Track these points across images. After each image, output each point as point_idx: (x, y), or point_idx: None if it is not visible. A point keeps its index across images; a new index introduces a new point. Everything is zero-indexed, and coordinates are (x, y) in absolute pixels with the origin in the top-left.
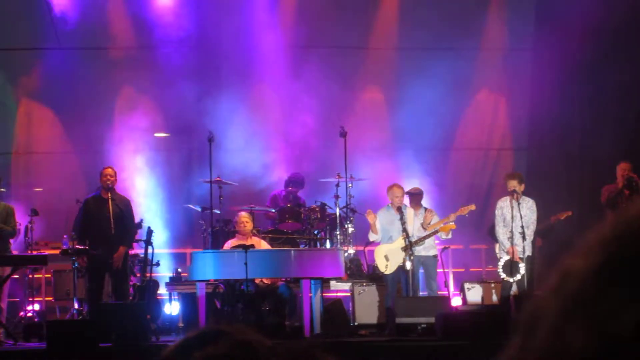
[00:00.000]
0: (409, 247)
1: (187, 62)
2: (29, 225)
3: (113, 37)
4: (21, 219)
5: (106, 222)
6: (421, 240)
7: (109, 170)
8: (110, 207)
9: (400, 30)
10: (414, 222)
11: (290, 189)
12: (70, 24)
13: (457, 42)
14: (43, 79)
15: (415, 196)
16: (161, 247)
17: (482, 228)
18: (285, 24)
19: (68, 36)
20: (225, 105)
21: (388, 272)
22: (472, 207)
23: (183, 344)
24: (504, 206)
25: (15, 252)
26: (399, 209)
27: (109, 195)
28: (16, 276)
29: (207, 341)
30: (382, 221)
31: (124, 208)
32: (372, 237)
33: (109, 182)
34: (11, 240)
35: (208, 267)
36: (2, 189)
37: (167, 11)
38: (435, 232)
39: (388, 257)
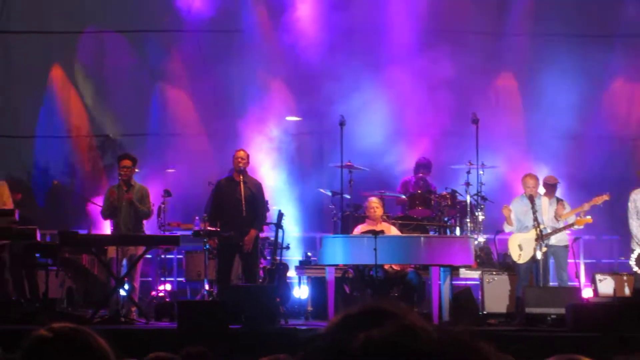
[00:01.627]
0: (540, 237)
1: (320, 45)
2: (162, 206)
3: (244, 19)
4: (154, 200)
5: (238, 204)
6: (555, 232)
7: (242, 152)
8: (242, 189)
9: (535, 16)
10: (548, 212)
11: (420, 175)
12: (205, 7)
13: (591, 28)
14: (178, 61)
15: (551, 186)
16: (291, 230)
17: (615, 219)
18: (418, 9)
19: (202, 19)
20: (357, 90)
21: (521, 261)
22: (606, 196)
23: (346, 322)
24: (637, 199)
25: (148, 233)
26: (532, 199)
27: (241, 177)
28: (149, 256)
29: (372, 322)
30: (516, 211)
31: (256, 191)
32: (507, 228)
33: (241, 165)
34: (144, 221)
35: (337, 252)
36: (136, 170)
37: None
38: (571, 224)
39: (522, 246)
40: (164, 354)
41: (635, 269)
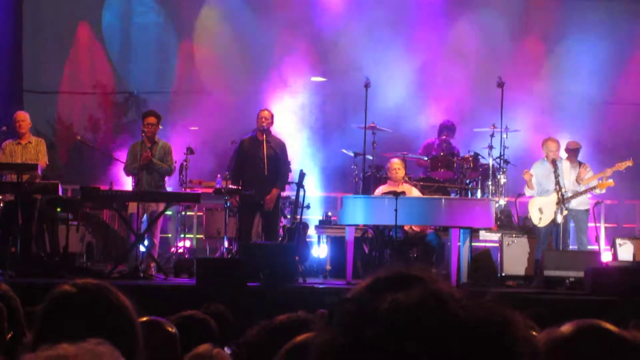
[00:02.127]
0: (561, 201)
1: (347, 6)
2: (184, 163)
3: None
4: (177, 157)
5: (260, 163)
6: (576, 195)
7: (266, 112)
8: (265, 148)
9: None
10: (570, 176)
11: (443, 137)
12: None
13: None
14: (204, 19)
15: (573, 151)
16: (313, 190)
17: (637, 184)
18: None
19: None
20: (383, 52)
21: (541, 224)
22: (630, 162)
23: (374, 285)
24: None
25: (169, 190)
26: (554, 162)
27: (265, 137)
28: (169, 213)
29: (399, 285)
30: (537, 174)
31: (279, 150)
32: (528, 192)
33: (264, 124)
34: (166, 178)
35: (358, 212)
36: (160, 127)
37: None
38: (592, 188)
39: (542, 209)
40: (193, 312)
41: None
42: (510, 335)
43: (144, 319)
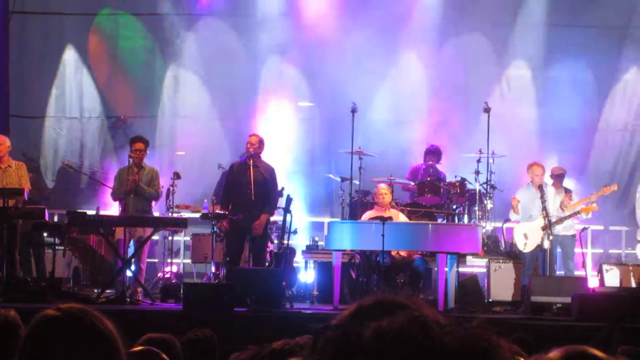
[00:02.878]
0: (548, 227)
1: (333, 31)
2: (171, 188)
3: (257, 3)
4: (163, 182)
5: (247, 188)
6: (561, 220)
7: (253, 137)
8: (252, 173)
9: (547, 6)
10: (555, 202)
11: (429, 162)
12: None
13: (604, 19)
14: (191, 44)
15: (558, 177)
16: (300, 215)
17: (624, 209)
18: None
19: (215, 1)
20: (369, 75)
21: (527, 250)
22: (615, 187)
23: (358, 312)
24: None
25: (156, 214)
26: (540, 188)
27: (252, 162)
28: (156, 238)
29: (383, 312)
30: (523, 199)
31: (268, 175)
32: (513, 216)
33: (251, 149)
34: (153, 203)
35: (345, 237)
36: (147, 152)
37: None
38: (577, 212)
39: (527, 235)
40: (158, 335)
41: None
42: None
43: (139, 348)
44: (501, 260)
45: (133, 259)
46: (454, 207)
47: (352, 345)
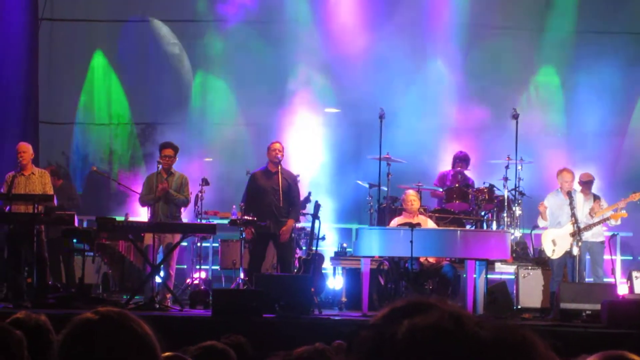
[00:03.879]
0: (577, 233)
1: (361, 38)
2: (199, 194)
3: (286, 10)
4: (192, 188)
5: (276, 195)
6: (590, 227)
7: (278, 145)
8: (280, 180)
9: (578, 12)
10: (584, 208)
11: (458, 168)
12: None
13: (633, 25)
14: (220, 51)
15: (586, 183)
16: (328, 221)
17: None
18: (462, 3)
19: (244, 8)
20: (397, 82)
21: (555, 257)
22: None
23: (392, 312)
24: None
25: (185, 221)
26: (569, 194)
27: (277, 169)
28: (185, 244)
29: (416, 312)
30: (551, 206)
31: (292, 182)
32: (541, 223)
33: (279, 155)
34: (182, 209)
35: (373, 244)
36: (176, 158)
37: None
38: (606, 219)
39: (555, 241)
40: (212, 342)
41: None
42: (531, 354)
43: (167, 354)
44: (530, 267)
45: (162, 265)
46: (483, 213)
47: (387, 343)
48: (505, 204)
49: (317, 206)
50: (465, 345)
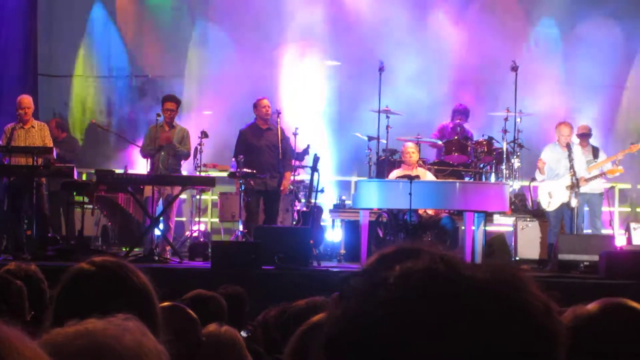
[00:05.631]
0: (575, 185)
1: None
2: (199, 147)
3: None
4: (191, 141)
5: (271, 151)
6: (587, 181)
7: (265, 101)
8: (277, 137)
9: None
10: (582, 161)
11: (457, 121)
12: None
13: None
14: (218, 1)
15: (585, 135)
16: (327, 174)
17: None
18: None
19: None
20: (397, 34)
21: (550, 209)
22: None
23: (381, 259)
24: None
25: (184, 173)
26: (568, 146)
27: (268, 125)
28: (184, 196)
29: (406, 257)
30: (548, 159)
31: (284, 137)
32: (539, 177)
33: (269, 112)
34: (182, 161)
35: (372, 196)
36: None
37: None
38: (602, 173)
39: (551, 194)
40: (204, 291)
41: None
42: (525, 292)
43: (165, 303)
44: (528, 219)
45: (161, 218)
46: (481, 165)
47: (380, 289)
48: (504, 156)
49: (316, 159)
50: (458, 286)
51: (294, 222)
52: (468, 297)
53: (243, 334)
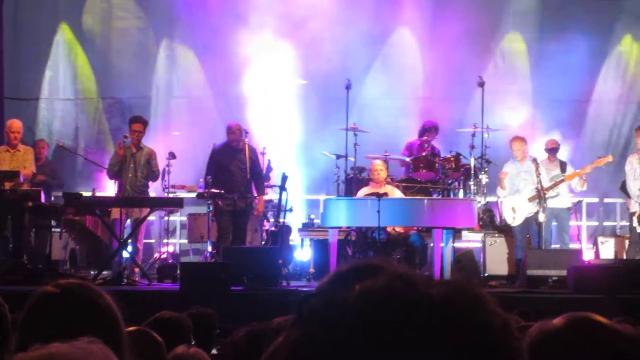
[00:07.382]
0: (539, 197)
1: (327, 7)
2: (167, 168)
3: None
4: (159, 162)
5: (240, 172)
6: (547, 190)
7: (236, 126)
8: (246, 158)
9: None
10: (545, 176)
11: (425, 137)
12: None
13: None
14: (184, 21)
15: (552, 150)
16: (295, 193)
17: (618, 181)
18: None
19: None
20: (363, 52)
21: (515, 223)
22: (609, 158)
23: (337, 277)
24: (633, 161)
25: (152, 194)
26: (535, 161)
27: (239, 146)
28: (152, 218)
29: (362, 275)
30: (509, 174)
31: (255, 158)
32: (500, 192)
33: (237, 138)
34: (150, 183)
35: (341, 214)
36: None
37: None
38: (561, 181)
39: (515, 208)
40: (170, 313)
41: (636, 225)
42: (481, 310)
43: (132, 329)
44: (496, 235)
45: (130, 240)
46: (449, 182)
47: (339, 309)
48: (472, 172)
49: (284, 178)
50: (417, 306)
51: (263, 242)
52: (427, 317)
53: (214, 352)
